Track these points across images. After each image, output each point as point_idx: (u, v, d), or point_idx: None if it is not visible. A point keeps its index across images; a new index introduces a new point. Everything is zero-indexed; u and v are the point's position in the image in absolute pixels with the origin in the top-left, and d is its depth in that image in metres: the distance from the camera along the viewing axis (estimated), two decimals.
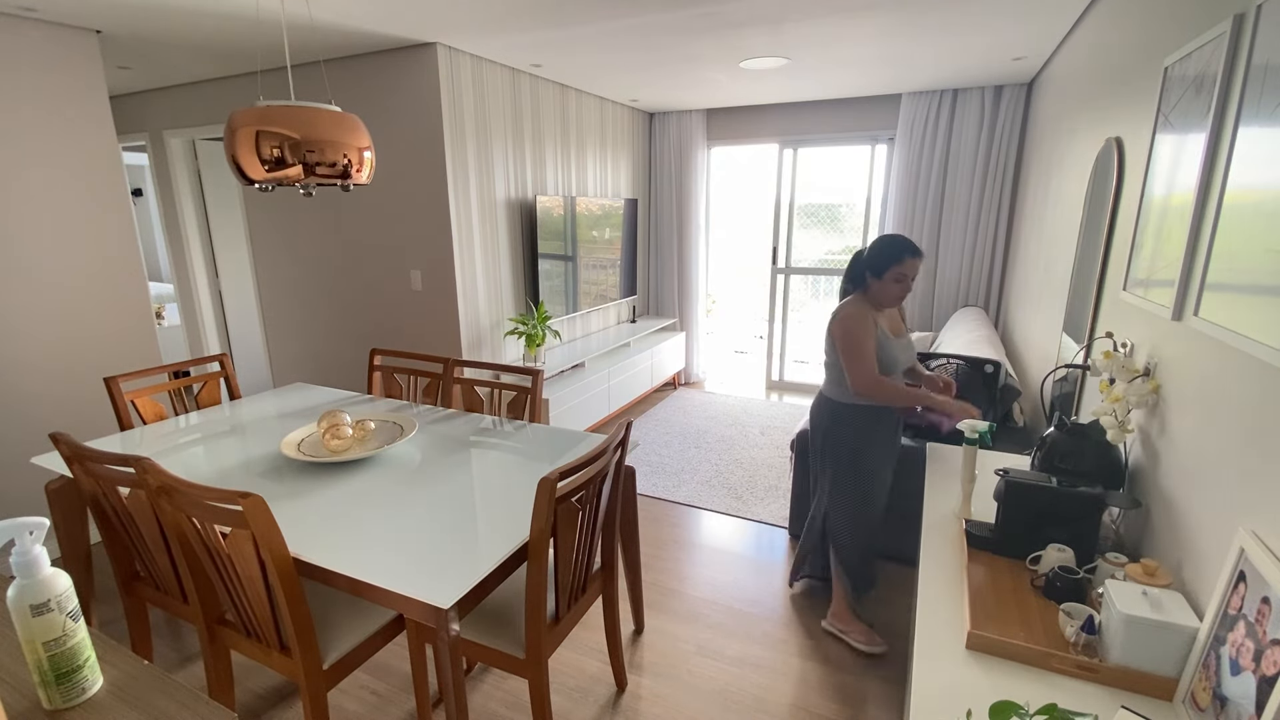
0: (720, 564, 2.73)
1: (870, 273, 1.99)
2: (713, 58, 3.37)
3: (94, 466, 1.59)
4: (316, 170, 1.75)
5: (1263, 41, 1.04)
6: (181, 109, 3.95)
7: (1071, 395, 2.04)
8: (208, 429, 2.24)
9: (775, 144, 4.92)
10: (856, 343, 1.95)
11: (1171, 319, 1.30)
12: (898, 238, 1.97)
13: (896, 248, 1.94)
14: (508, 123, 3.60)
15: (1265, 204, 0.98)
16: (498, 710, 1.92)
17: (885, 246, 1.96)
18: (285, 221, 3.83)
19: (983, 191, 4.26)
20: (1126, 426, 1.42)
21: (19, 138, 2.53)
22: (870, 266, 1.99)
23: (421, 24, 2.75)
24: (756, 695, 1.99)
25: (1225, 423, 1.08)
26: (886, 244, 1.96)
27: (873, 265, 1.98)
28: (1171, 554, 1.24)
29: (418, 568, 1.37)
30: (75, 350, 2.78)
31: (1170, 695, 0.99)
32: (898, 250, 1.94)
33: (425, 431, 2.21)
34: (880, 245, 1.97)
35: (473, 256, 3.44)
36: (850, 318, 1.98)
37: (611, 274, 4.74)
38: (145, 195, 6.23)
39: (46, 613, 0.77)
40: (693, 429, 4.38)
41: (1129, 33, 1.93)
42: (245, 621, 1.53)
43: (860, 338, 1.95)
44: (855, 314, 1.97)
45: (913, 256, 1.93)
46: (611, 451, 1.66)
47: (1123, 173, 1.81)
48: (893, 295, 1.98)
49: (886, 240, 1.98)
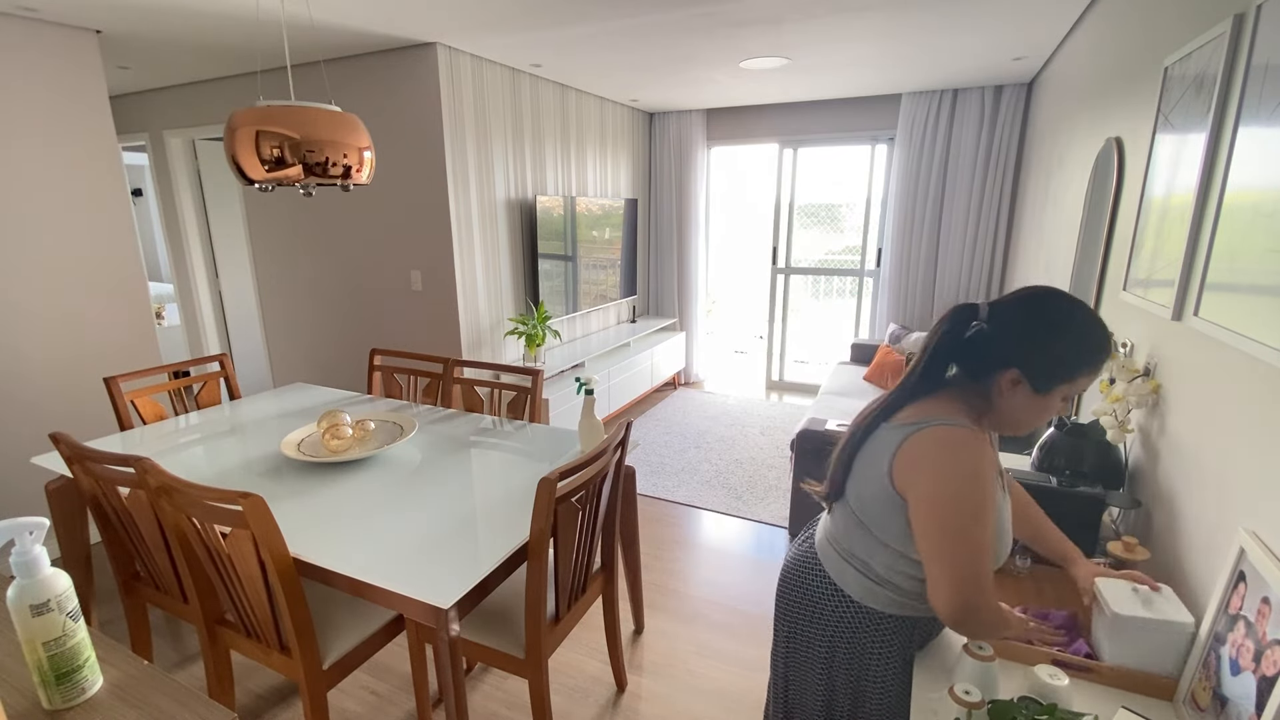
0: (720, 564, 2.73)
1: (1028, 376, 0.97)
2: (712, 58, 3.37)
3: (94, 466, 1.59)
4: (316, 170, 1.75)
5: (1263, 41, 1.04)
6: (181, 109, 3.95)
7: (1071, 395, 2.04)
8: (208, 429, 2.24)
9: (775, 144, 4.92)
10: (975, 510, 0.92)
11: (1171, 319, 1.30)
12: (1086, 311, 0.97)
13: (1096, 337, 0.96)
14: (508, 123, 3.60)
15: (1265, 204, 0.98)
16: (498, 710, 1.92)
17: (1074, 331, 0.96)
18: (285, 221, 3.83)
19: (983, 191, 4.26)
20: (1126, 426, 1.42)
21: (19, 137, 2.53)
22: (1031, 365, 0.96)
23: (421, 24, 2.75)
24: (756, 695, 1.99)
25: (1225, 423, 1.08)
26: (1075, 326, 0.96)
27: (1038, 363, 0.96)
28: (1171, 554, 1.23)
29: (418, 568, 1.37)
30: (75, 350, 2.78)
31: (1170, 695, 0.99)
32: (1098, 342, 0.96)
33: (425, 431, 2.21)
34: (1058, 325, 0.96)
35: (473, 256, 3.44)
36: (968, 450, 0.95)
37: (611, 274, 4.74)
38: (145, 195, 6.22)
39: (46, 613, 0.77)
40: (693, 429, 4.38)
41: (1129, 33, 1.93)
42: (245, 622, 1.53)
43: (981, 500, 0.93)
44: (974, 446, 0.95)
45: (1109, 356, 1.06)
46: (611, 451, 1.66)
47: (1123, 173, 1.81)
48: (1040, 421, 1.02)
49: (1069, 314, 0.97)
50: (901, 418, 1.02)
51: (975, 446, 0.95)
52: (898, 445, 0.99)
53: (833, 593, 1.12)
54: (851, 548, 1.09)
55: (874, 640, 1.10)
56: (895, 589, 1.06)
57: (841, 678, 1.15)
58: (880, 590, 1.07)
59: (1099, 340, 0.96)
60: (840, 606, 1.11)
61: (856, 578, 1.09)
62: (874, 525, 1.04)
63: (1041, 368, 0.96)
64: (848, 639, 1.11)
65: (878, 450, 1.02)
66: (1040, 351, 0.96)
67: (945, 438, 0.96)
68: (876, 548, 1.05)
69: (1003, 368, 0.98)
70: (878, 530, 1.04)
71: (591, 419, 1.91)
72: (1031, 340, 0.97)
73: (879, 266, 4.85)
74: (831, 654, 1.14)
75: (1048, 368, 0.96)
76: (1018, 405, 0.99)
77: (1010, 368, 0.98)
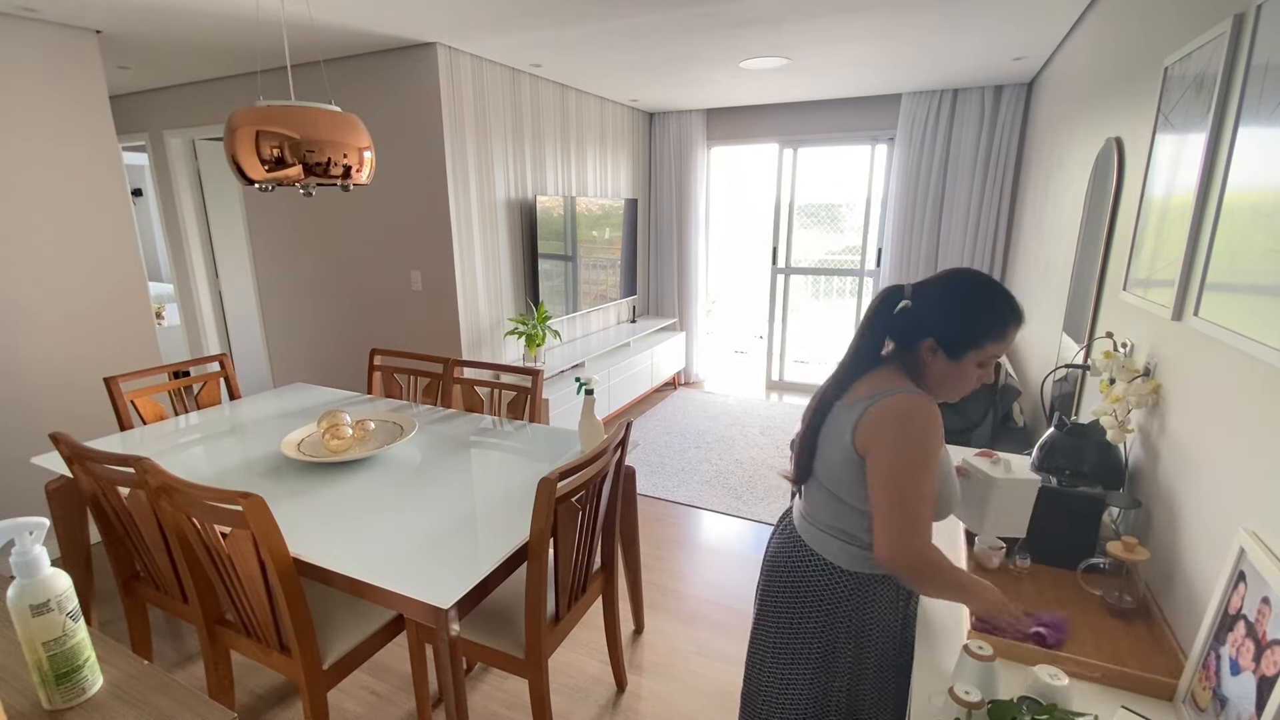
0: (720, 564, 2.73)
1: (942, 344, 1.09)
2: (712, 58, 3.37)
3: (94, 466, 1.59)
4: (316, 170, 1.75)
5: (1263, 41, 1.04)
6: (181, 109, 3.95)
7: (1071, 395, 2.04)
8: (208, 429, 2.24)
9: (775, 144, 4.92)
10: (918, 469, 1.03)
11: (1171, 319, 1.30)
12: (993, 287, 1.09)
13: (999, 310, 1.07)
14: (508, 123, 3.60)
15: (1265, 204, 0.98)
16: (498, 710, 1.92)
17: (978, 303, 1.08)
18: (285, 221, 3.83)
19: (983, 191, 4.26)
20: (1126, 426, 1.42)
21: (19, 138, 2.53)
22: (943, 333, 1.09)
23: (421, 24, 2.75)
24: None
25: (1225, 423, 1.08)
26: (980, 299, 1.08)
27: (949, 332, 1.08)
28: (1171, 554, 1.24)
29: (418, 568, 1.37)
30: (75, 350, 2.78)
31: (1170, 695, 0.99)
32: (1001, 314, 1.07)
33: (425, 431, 2.20)
34: (966, 298, 1.09)
35: (473, 256, 3.44)
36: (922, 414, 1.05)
37: (611, 274, 4.74)
38: (145, 195, 6.22)
39: (46, 613, 0.77)
40: (693, 429, 4.38)
41: (1129, 33, 1.93)
42: (245, 621, 1.53)
43: (925, 458, 1.04)
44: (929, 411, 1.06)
45: (1017, 324, 1.09)
46: (611, 451, 1.66)
47: (1123, 172, 1.80)
48: (964, 387, 1.13)
49: (975, 289, 1.09)
50: (851, 395, 1.13)
51: (928, 412, 1.05)
52: (858, 418, 1.09)
53: (822, 567, 1.18)
54: (831, 520, 1.17)
55: (868, 604, 1.17)
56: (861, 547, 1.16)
57: (842, 647, 1.19)
58: (866, 554, 1.15)
59: (1003, 312, 1.07)
60: (832, 578, 1.18)
61: (842, 547, 1.17)
62: (846, 495, 1.13)
63: (952, 336, 1.09)
64: (846, 608, 1.17)
65: (837, 426, 1.13)
66: (951, 321, 1.09)
67: (899, 405, 1.06)
68: (854, 515, 1.14)
69: (921, 337, 1.11)
70: (850, 498, 1.13)
71: (591, 419, 1.91)
72: (944, 311, 1.10)
73: (879, 266, 4.85)
74: (829, 625, 1.19)
75: (957, 335, 1.08)
76: (938, 371, 1.12)
77: (927, 337, 1.10)
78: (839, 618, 1.17)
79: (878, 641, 1.18)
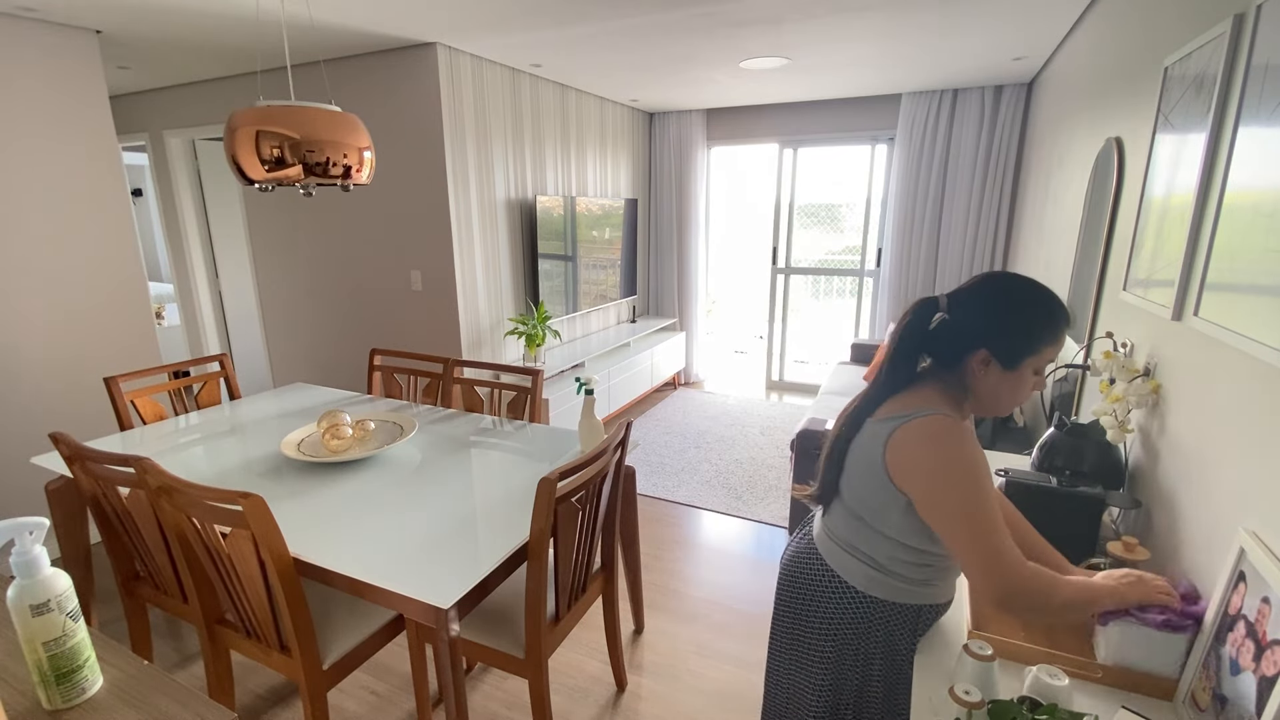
0: (720, 564, 2.73)
1: (997, 355, 1.01)
2: (712, 58, 3.37)
3: (94, 466, 1.59)
4: (316, 170, 1.75)
5: (1263, 41, 1.04)
6: (181, 109, 3.95)
7: (1071, 395, 2.04)
8: (208, 429, 2.24)
9: (775, 144, 4.92)
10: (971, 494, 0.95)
11: (1171, 319, 1.30)
12: (1038, 287, 1.02)
13: (1051, 310, 1.01)
14: (507, 123, 3.60)
15: (1265, 204, 0.98)
16: (498, 710, 1.92)
17: (1029, 306, 1.01)
18: (285, 221, 3.83)
19: (983, 191, 4.26)
20: (1126, 426, 1.42)
21: (19, 138, 2.53)
22: (996, 343, 1.00)
23: (421, 24, 2.75)
24: (756, 695, 1.99)
25: (1225, 423, 1.08)
26: (1030, 301, 1.01)
27: (1002, 341, 1.00)
28: (1171, 554, 1.23)
29: (418, 568, 1.37)
30: (75, 350, 2.78)
31: (1170, 695, 0.99)
32: (1054, 315, 1.00)
33: (425, 431, 2.21)
34: (1014, 302, 1.01)
35: (473, 256, 3.44)
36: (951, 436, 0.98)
37: (611, 274, 4.74)
38: (145, 195, 6.22)
39: (46, 613, 0.77)
40: (693, 429, 4.38)
41: (1129, 33, 1.93)
42: (245, 621, 1.53)
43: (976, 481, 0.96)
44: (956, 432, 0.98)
45: (1068, 324, 1.02)
46: (611, 451, 1.66)
47: (1123, 172, 1.81)
48: (1020, 397, 1.04)
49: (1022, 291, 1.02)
50: (884, 412, 1.06)
51: (957, 432, 0.98)
52: (886, 438, 1.02)
53: (837, 584, 1.14)
54: (852, 540, 1.11)
55: (880, 629, 1.11)
56: (899, 577, 1.08)
57: (849, 668, 1.15)
58: (885, 579, 1.09)
59: (1055, 311, 1.00)
60: (845, 597, 1.13)
61: (860, 568, 1.11)
62: (872, 519, 1.07)
63: (1006, 344, 1.00)
64: (853, 629, 1.13)
65: (867, 445, 1.06)
66: (1003, 329, 1.01)
67: (926, 428, 0.99)
68: (877, 539, 1.08)
69: (971, 351, 1.02)
70: (876, 523, 1.07)
71: (591, 419, 1.91)
72: (993, 320, 1.01)
73: (879, 266, 4.85)
74: (837, 645, 1.15)
75: (1012, 343, 1.00)
76: (992, 384, 1.03)
77: (978, 349, 1.02)
78: (846, 638, 1.14)
79: (886, 667, 1.13)
